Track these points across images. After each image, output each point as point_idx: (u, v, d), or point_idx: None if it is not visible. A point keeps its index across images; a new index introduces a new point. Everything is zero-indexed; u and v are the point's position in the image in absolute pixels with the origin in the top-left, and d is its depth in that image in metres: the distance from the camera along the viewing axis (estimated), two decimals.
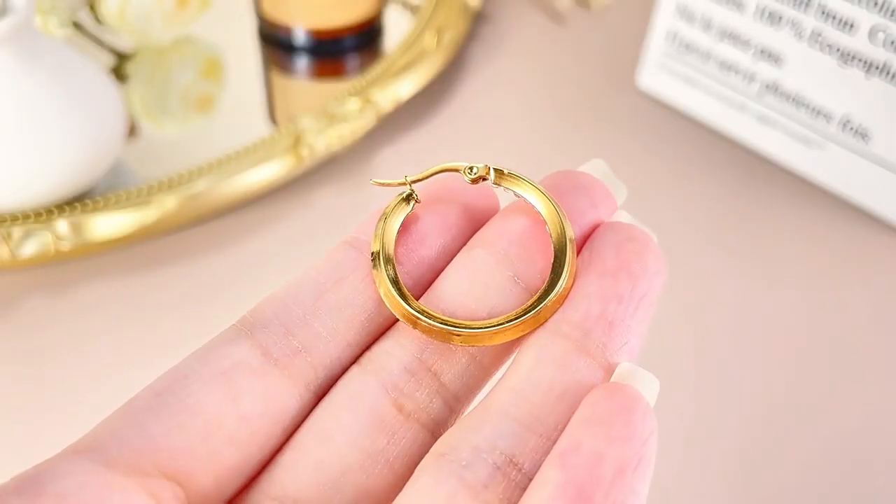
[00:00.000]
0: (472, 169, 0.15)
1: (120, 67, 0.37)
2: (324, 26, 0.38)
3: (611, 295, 0.13)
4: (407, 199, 0.15)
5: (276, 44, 0.39)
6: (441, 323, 0.14)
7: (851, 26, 0.30)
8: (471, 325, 0.14)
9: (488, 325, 0.14)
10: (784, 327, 0.29)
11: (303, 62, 0.39)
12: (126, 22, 0.35)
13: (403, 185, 0.15)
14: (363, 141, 0.34)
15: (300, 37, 0.38)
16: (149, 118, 0.35)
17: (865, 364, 0.28)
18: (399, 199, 0.15)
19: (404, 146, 0.35)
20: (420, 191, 0.15)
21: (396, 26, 0.40)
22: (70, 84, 0.28)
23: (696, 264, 0.31)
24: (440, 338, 0.14)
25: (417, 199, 0.15)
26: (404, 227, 0.15)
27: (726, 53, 0.34)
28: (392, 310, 0.14)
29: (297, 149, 0.32)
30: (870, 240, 0.32)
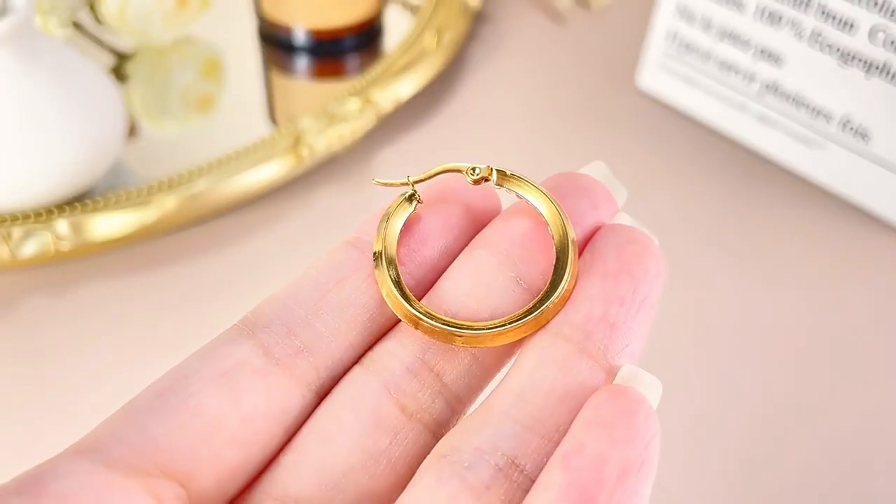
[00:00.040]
0: (474, 170, 0.15)
1: (120, 67, 0.37)
2: (324, 26, 0.38)
3: (612, 297, 0.13)
4: (409, 200, 0.15)
5: (276, 44, 0.39)
6: (443, 324, 0.14)
7: (851, 26, 0.30)
8: (472, 326, 0.14)
9: (490, 326, 0.14)
10: (784, 327, 0.29)
11: (303, 62, 0.39)
12: (126, 22, 0.35)
13: (406, 186, 0.15)
14: (363, 141, 0.34)
15: (300, 37, 0.38)
16: (149, 118, 0.35)
17: (865, 364, 0.28)
18: (401, 199, 0.15)
19: (404, 146, 0.35)
20: (422, 191, 0.15)
21: (396, 26, 0.40)
22: (70, 84, 0.28)
23: (696, 264, 0.31)
24: (442, 338, 0.14)
25: (420, 199, 0.15)
26: (406, 227, 0.15)
27: (726, 53, 0.34)
28: (394, 310, 0.14)
29: (297, 149, 0.32)
30: (870, 240, 0.32)
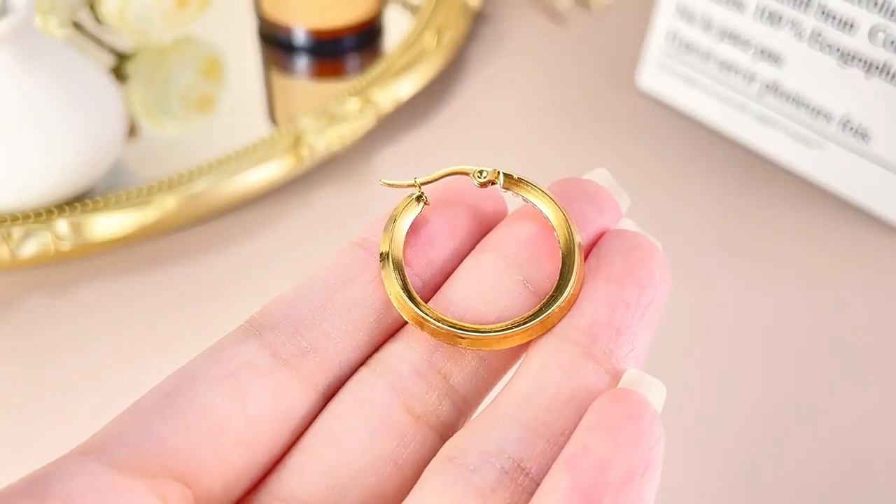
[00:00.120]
0: (481, 173, 0.15)
1: (120, 67, 0.37)
2: (324, 26, 0.38)
3: (618, 301, 0.14)
4: (416, 201, 0.15)
5: (276, 44, 0.39)
6: (449, 325, 0.14)
7: (851, 26, 0.30)
8: (478, 328, 0.14)
9: (495, 329, 0.14)
10: (784, 327, 0.29)
11: (303, 62, 0.39)
12: (126, 22, 0.35)
13: (413, 187, 0.15)
14: (363, 141, 0.34)
15: (300, 37, 0.38)
16: (149, 118, 0.35)
17: (865, 364, 0.28)
18: (408, 200, 0.15)
19: (404, 146, 0.35)
20: (429, 193, 0.15)
21: (396, 26, 0.40)
22: (70, 84, 0.28)
23: (697, 264, 0.31)
24: (447, 340, 0.14)
25: (427, 201, 0.15)
26: (413, 228, 0.15)
27: (726, 53, 0.34)
28: (400, 311, 0.14)
29: (297, 149, 0.32)
30: (870, 240, 0.32)
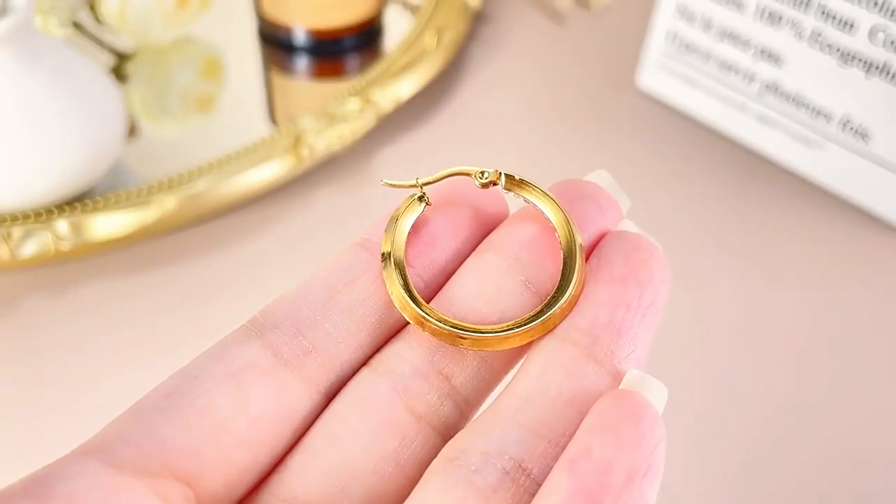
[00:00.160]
0: (483, 173, 0.15)
1: (120, 67, 0.37)
2: (324, 26, 0.38)
3: (619, 302, 0.14)
4: (418, 202, 0.15)
5: (276, 44, 0.39)
6: (450, 326, 0.14)
7: (851, 26, 0.30)
8: (479, 328, 0.14)
9: (497, 329, 0.14)
10: (784, 327, 0.29)
11: (303, 62, 0.39)
12: (126, 22, 0.35)
13: (414, 188, 0.15)
14: (363, 141, 0.34)
15: (300, 37, 0.38)
16: (149, 118, 0.35)
17: (865, 364, 0.28)
18: (410, 201, 0.15)
19: (404, 146, 0.35)
20: (430, 193, 0.15)
21: (396, 26, 0.40)
22: (70, 84, 0.28)
23: (697, 264, 0.31)
24: (449, 340, 0.14)
25: (428, 201, 0.15)
26: (415, 228, 0.15)
27: (726, 53, 0.34)
28: (401, 311, 0.14)
29: (297, 149, 0.32)
30: (870, 240, 0.32)
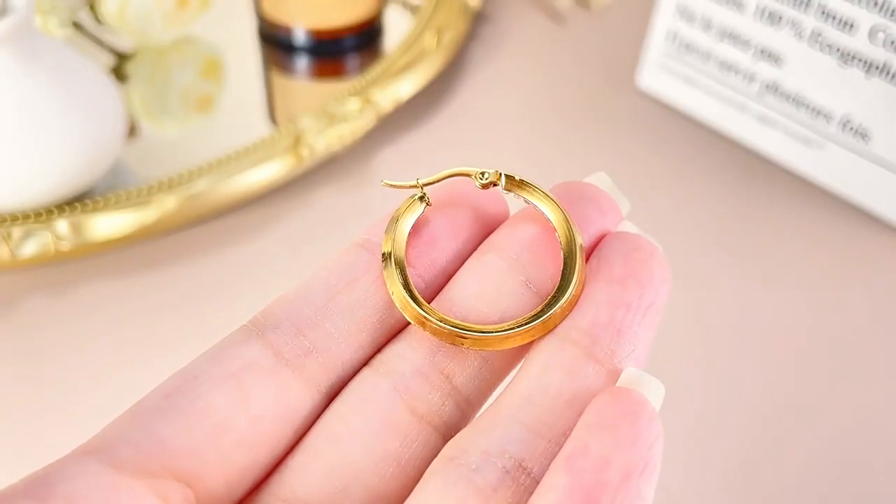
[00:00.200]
0: (483, 174, 0.15)
1: (120, 67, 0.37)
2: (324, 26, 0.38)
3: (619, 302, 0.14)
4: (418, 202, 0.15)
5: (276, 44, 0.39)
6: (451, 326, 0.14)
7: (851, 26, 0.30)
8: (479, 328, 0.14)
9: (497, 329, 0.14)
10: (784, 327, 0.29)
11: (303, 62, 0.39)
12: (126, 22, 0.35)
13: (415, 188, 0.15)
14: (363, 141, 0.34)
15: (300, 37, 0.38)
16: (149, 118, 0.35)
17: (865, 364, 0.28)
18: (410, 201, 0.15)
19: (404, 146, 0.35)
20: (431, 194, 0.15)
21: (396, 26, 0.40)
22: (70, 84, 0.28)
23: (696, 264, 0.31)
24: (449, 340, 0.14)
25: (429, 201, 0.15)
26: (415, 229, 0.15)
27: (726, 53, 0.34)
28: (402, 311, 0.14)
29: (297, 149, 0.32)
30: (870, 240, 0.32)
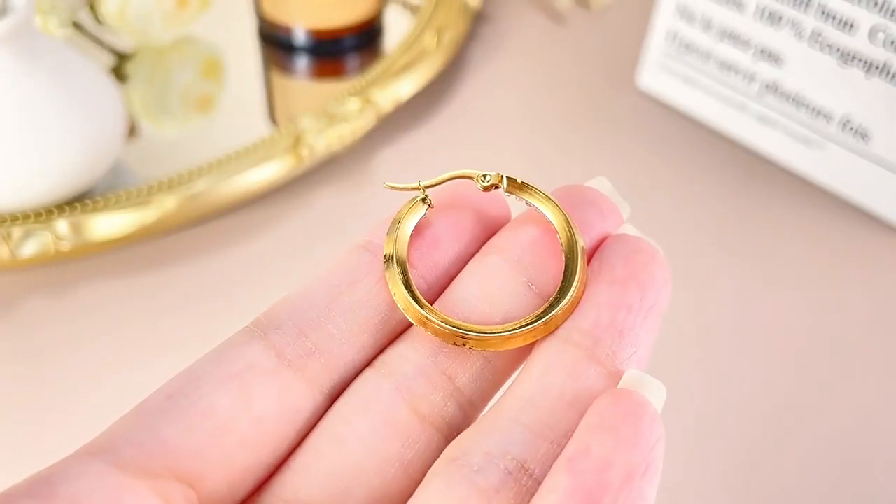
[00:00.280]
0: (485, 177, 0.15)
1: (120, 67, 0.37)
2: (324, 26, 0.38)
3: (620, 304, 0.14)
4: (420, 204, 0.15)
5: (276, 44, 0.39)
6: (453, 326, 0.14)
7: (851, 26, 0.30)
8: (481, 329, 0.14)
9: (499, 330, 0.14)
10: (784, 327, 0.29)
11: (303, 62, 0.39)
12: (126, 22, 0.35)
13: (417, 190, 0.15)
14: (363, 141, 0.34)
15: (300, 37, 0.38)
16: (149, 118, 0.35)
17: (865, 364, 0.28)
18: (412, 203, 0.15)
19: (404, 146, 0.35)
20: (432, 196, 0.16)
21: (396, 26, 0.40)
22: (70, 84, 0.28)
23: (696, 264, 0.31)
24: (451, 340, 0.14)
25: (431, 203, 0.15)
26: (417, 230, 0.15)
27: (726, 53, 0.34)
28: (404, 312, 0.14)
29: (297, 149, 0.32)
30: (870, 240, 0.32)
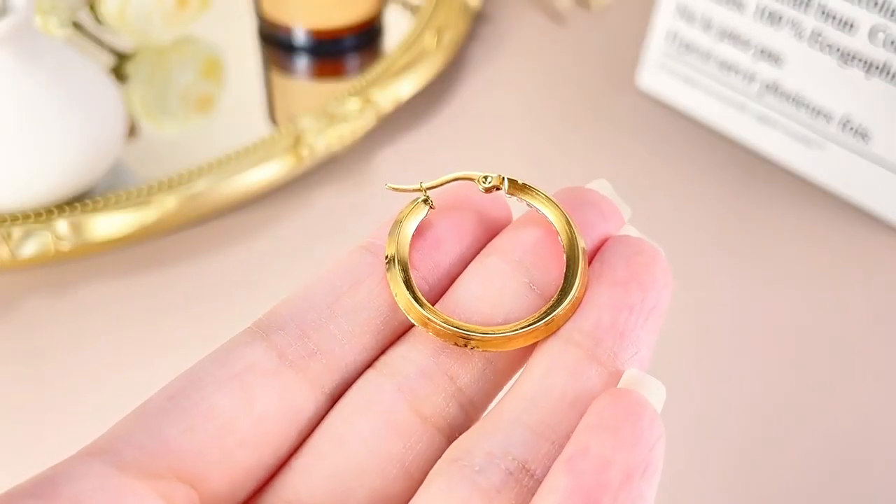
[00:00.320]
0: (486, 178, 0.15)
1: (120, 67, 0.37)
2: (324, 26, 0.38)
3: (622, 305, 0.14)
4: (422, 205, 0.15)
5: (276, 44, 0.39)
6: (454, 327, 0.14)
7: (851, 26, 0.30)
8: (483, 329, 0.14)
9: (500, 331, 0.14)
10: (784, 327, 0.29)
11: (303, 62, 0.39)
12: (126, 22, 0.35)
13: (418, 191, 0.15)
14: (363, 141, 0.34)
15: (300, 37, 0.38)
16: (149, 118, 0.35)
17: (865, 364, 0.28)
18: (414, 204, 0.15)
19: (404, 146, 0.35)
20: (434, 197, 0.16)
21: (396, 26, 0.40)
22: (70, 84, 0.28)
23: (696, 264, 0.31)
24: (453, 341, 0.14)
25: (432, 205, 0.15)
26: (419, 232, 0.15)
27: (726, 53, 0.34)
28: (406, 313, 0.14)
29: (297, 149, 0.32)
30: (870, 240, 0.32)
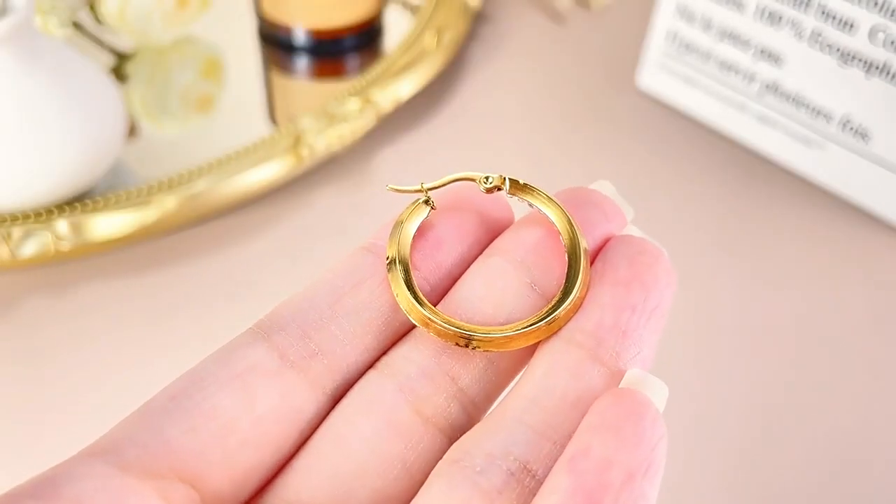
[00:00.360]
0: (487, 178, 0.15)
1: (120, 67, 0.37)
2: (324, 26, 0.38)
3: (624, 305, 0.14)
4: (423, 206, 0.15)
5: (276, 44, 0.39)
6: (456, 327, 0.14)
7: (851, 26, 0.30)
8: (484, 330, 0.14)
9: (502, 331, 0.14)
10: (784, 327, 0.29)
11: (303, 62, 0.39)
12: (126, 22, 0.35)
13: (419, 192, 0.15)
14: (363, 141, 0.34)
15: (300, 37, 0.38)
16: (149, 118, 0.35)
17: (865, 364, 0.28)
18: (415, 205, 0.15)
19: (404, 146, 0.35)
20: (435, 198, 0.16)
21: (396, 26, 0.40)
22: (70, 84, 0.28)
23: (696, 264, 0.31)
24: (454, 341, 0.14)
25: (433, 205, 0.15)
26: (420, 232, 0.15)
27: (726, 53, 0.34)
28: (407, 313, 0.14)
29: (297, 149, 0.32)
30: (870, 240, 0.32)
